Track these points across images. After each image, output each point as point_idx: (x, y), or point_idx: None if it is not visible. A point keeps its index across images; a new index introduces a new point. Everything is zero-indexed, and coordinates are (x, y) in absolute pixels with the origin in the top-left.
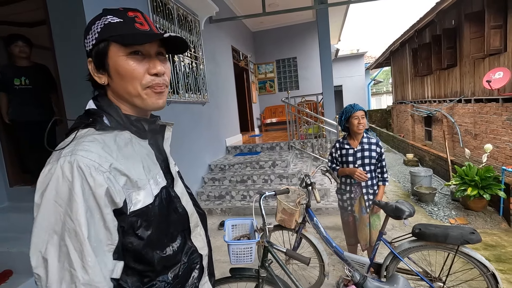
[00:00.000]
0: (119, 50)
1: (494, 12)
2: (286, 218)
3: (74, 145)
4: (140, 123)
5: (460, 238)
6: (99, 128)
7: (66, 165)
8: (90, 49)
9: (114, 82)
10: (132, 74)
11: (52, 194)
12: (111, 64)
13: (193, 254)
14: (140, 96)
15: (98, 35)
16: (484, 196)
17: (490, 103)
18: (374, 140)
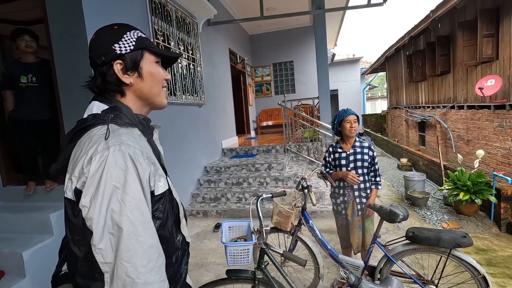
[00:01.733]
0: (151, 58)
1: (487, 21)
2: (282, 220)
3: (115, 136)
4: (146, 122)
5: (452, 241)
6: (120, 124)
7: (118, 153)
8: (127, 52)
9: (144, 82)
10: (160, 77)
11: (109, 178)
12: (145, 68)
13: (183, 241)
14: (161, 94)
15: (135, 43)
16: (476, 201)
17: (482, 109)
18: (367, 144)
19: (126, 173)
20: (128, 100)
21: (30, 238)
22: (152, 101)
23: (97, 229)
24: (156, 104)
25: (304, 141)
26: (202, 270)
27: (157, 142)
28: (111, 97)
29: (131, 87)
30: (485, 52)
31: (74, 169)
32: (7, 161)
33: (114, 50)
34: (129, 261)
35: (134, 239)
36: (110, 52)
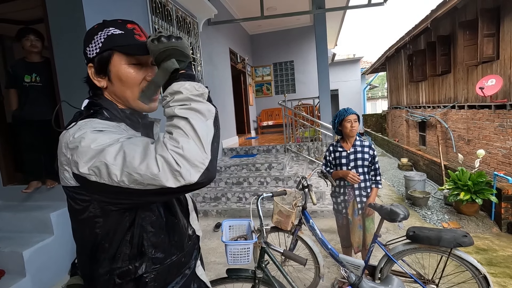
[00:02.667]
0: (122, 59)
1: (487, 20)
2: (283, 220)
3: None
4: (135, 116)
5: (453, 241)
6: (101, 118)
7: (85, 125)
8: (93, 56)
9: (114, 86)
10: (132, 81)
11: (87, 136)
12: (113, 71)
13: (193, 234)
14: (135, 100)
15: (101, 44)
16: (477, 200)
17: (483, 109)
18: (367, 143)
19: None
20: (111, 99)
21: (30, 238)
22: (129, 105)
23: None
24: (136, 108)
25: (304, 141)
26: None
27: (156, 136)
28: (97, 95)
29: (106, 89)
30: (486, 52)
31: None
32: (8, 160)
33: (87, 54)
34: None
35: (137, 144)
36: (85, 56)
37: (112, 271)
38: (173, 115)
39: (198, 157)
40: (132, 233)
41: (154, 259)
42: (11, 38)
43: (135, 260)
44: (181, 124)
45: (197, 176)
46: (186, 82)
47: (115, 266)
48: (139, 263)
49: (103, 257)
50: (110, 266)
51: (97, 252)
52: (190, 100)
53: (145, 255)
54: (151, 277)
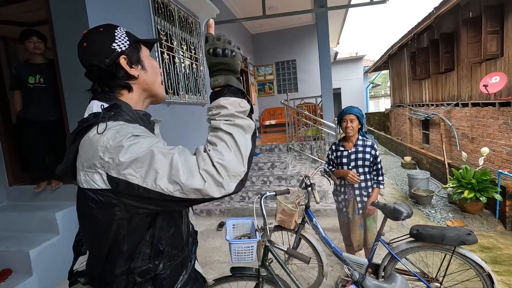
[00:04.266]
0: (146, 51)
1: (491, 17)
2: (286, 218)
3: (118, 127)
4: (146, 117)
5: (456, 239)
6: (121, 120)
7: (120, 127)
8: (126, 48)
9: (148, 74)
10: (158, 69)
11: (126, 140)
12: (145, 60)
13: (193, 229)
14: (161, 86)
15: (128, 38)
16: (481, 199)
17: (487, 107)
18: (370, 143)
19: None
20: (133, 95)
21: (36, 237)
22: (155, 93)
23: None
24: (159, 96)
25: (307, 140)
26: (206, 268)
27: (159, 136)
28: (110, 96)
29: (137, 80)
30: (490, 49)
31: (91, 164)
32: (13, 161)
33: (115, 49)
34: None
35: (181, 154)
36: (111, 52)
37: (132, 271)
38: (218, 128)
39: (238, 169)
40: (151, 234)
41: (170, 257)
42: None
43: (155, 259)
44: (226, 138)
45: (234, 186)
46: (231, 98)
47: (134, 266)
48: (158, 261)
49: (120, 258)
50: (129, 266)
51: (115, 253)
52: (234, 116)
53: (163, 253)
54: (167, 273)
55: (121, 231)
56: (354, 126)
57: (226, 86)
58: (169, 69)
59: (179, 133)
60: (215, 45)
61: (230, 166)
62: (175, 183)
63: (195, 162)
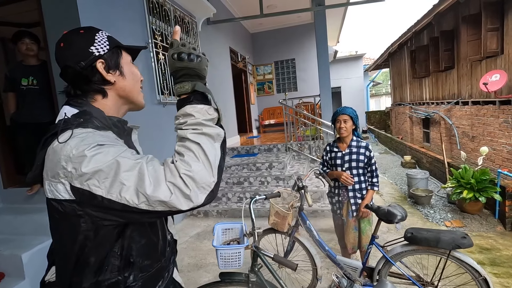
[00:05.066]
0: (127, 57)
1: (491, 14)
2: (279, 221)
3: (83, 136)
4: (121, 124)
5: (451, 242)
6: (91, 128)
7: (85, 135)
8: (105, 52)
9: (126, 80)
10: (139, 76)
11: (90, 150)
12: (125, 66)
13: (172, 238)
14: (140, 93)
15: (108, 42)
16: (480, 199)
17: (487, 105)
18: (364, 144)
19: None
20: (107, 101)
21: (29, 240)
22: (133, 100)
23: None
24: (137, 103)
25: (305, 140)
26: (201, 271)
27: (136, 143)
28: (83, 101)
29: (113, 86)
30: (490, 47)
31: (55, 174)
32: (8, 163)
33: (92, 53)
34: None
35: (149, 165)
36: (88, 55)
37: (100, 283)
38: (185, 138)
39: (206, 180)
40: (121, 245)
41: (142, 268)
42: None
43: (124, 271)
44: (194, 148)
45: (203, 198)
46: (198, 105)
47: (103, 278)
48: (128, 273)
49: (88, 270)
50: (97, 279)
51: (82, 265)
52: (202, 125)
53: (134, 264)
54: (138, 285)
55: (88, 243)
56: (347, 126)
57: (193, 92)
58: (164, 70)
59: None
60: (180, 50)
61: (198, 177)
62: (141, 194)
63: (162, 173)
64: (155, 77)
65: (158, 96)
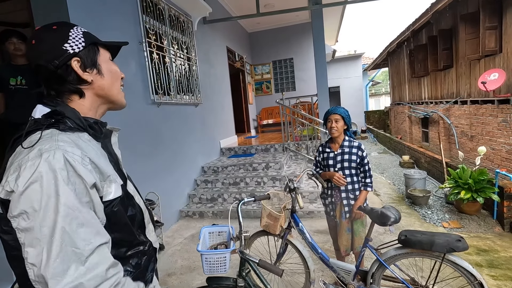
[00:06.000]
0: (106, 54)
1: (489, 13)
2: (272, 223)
3: (50, 142)
4: (98, 126)
5: (446, 245)
6: (62, 129)
7: (52, 159)
8: (80, 50)
9: (105, 79)
10: (118, 74)
11: (42, 187)
12: (103, 64)
13: (150, 247)
14: (120, 92)
15: (84, 39)
16: (478, 199)
17: (486, 104)
18: (356, 144)
19: (62, 180)
20: (84, 101)
21: None
22: (112, 100)
23: (30, 242)
24: (117, 103)
25: (303, 140)
26: (194, 273)
27: (116, 146)
28: (57, 100)
29: (91, 86)
30: (488, 45)
31: (4, 178)
32: None
33: (66, 50)
34: (62, 275)
35: (70, 251)
36: (62, 53)
37: None
38: None
39: None
40: None
41: None
42: None
43: None
44: None
45: None
46: None
47: None
48: None
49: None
50: None
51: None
52: None
53: None
54: None
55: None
56: (339, 126)
57: None
58: (158, 69)
59: (171, 134)
60: None
61: None
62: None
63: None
64: (148, 76)
65: (152, 96)
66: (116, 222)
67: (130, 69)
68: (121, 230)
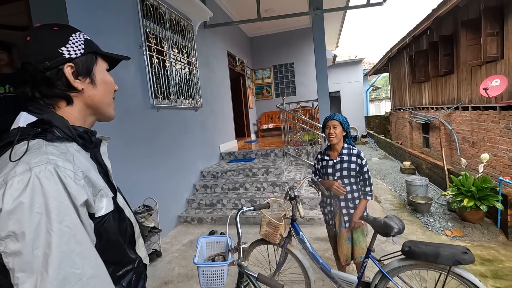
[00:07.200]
0: (104, 64)
1: (491, 19)
2: (271, 231)
3: (39, 155)
4: (88, 135)
5: (451, 258)
6: (50, 139)
7: (42, 175)
8: (77, 56)
9: (97, 90)
10: (112, 86)
11: (32, 205)
12: (99, 75)
13: (140, 263)
14: (111, 105)
15: (84, 46)
16: (481, 207)
17: (488, 110)
18: (355, 152)
19: (54, 198)
20: (72, 109)
21: None
22: (101, 111)
23: (21, 266)
24: (106, 115)
25: (303, 145)
26: (191, 282)
27: (105, 156)
28: (43, 107)
29: (81, 94)
30: (490, 52)
31: None
32: None
33: (62, 54)
34: None
35: (70, 272)
36: (56, 55)
37: None
38: None
39: None
40: None
41: None
42: None
43: None
44: None
45: None
46: None
47: None
48: None
49: None
50: None
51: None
52: None
53: None
54: None
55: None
56: (337, 132)
57: None
58: (158, 73)
59: (170, 139)
60: None
61: None
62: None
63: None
64: (148, 80)
65: (152, 100)
66: (108, 239)
67: (130, 73)
68: (113, 248)
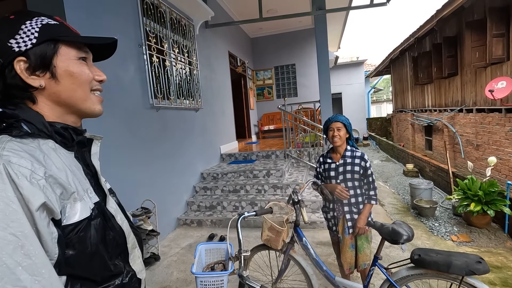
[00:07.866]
0: (70, 52)
1: (497, 20)
2: (273, 237)
3: None
4: (68, 132)
5: (465, 267)
6: (16, 135)
7: None
8: (28, 48)
9: (61, 85)
10: (86, 77)
11: None
12: (62, 66)
13: (132, 278)
14: (89, 99)
15: (38, 34)
16: (488, 212)
17: (493, 113)
18: (359, 154)
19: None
20: (42, 107)
21: None
22: (77, 108)
23: None
24: (85, 111)
25: (305, 146)
26: (190, 287)
27: (95, 156)
28: (12, 104)
29: (43, 91)
30: (495, 53)
31: None
32: None
33: (11, 48)
34: None
35: None
36: (7, 50)
37: None
38: None
39: None
40: None
41: None
42: None
43: None
44: None
45: None
46: None
47: None
48: None
49: None
50: None
51: None
52: None
53: None
54: None
55: None
56: (341, 134)
57: None
58: (158, 73)
59: (169, 139)
60: None
61: None
62: None
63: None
64: (148, 80)
65: (151, 100)
66: (83, 251)
67: (129, 72)
68: (90, 260)
